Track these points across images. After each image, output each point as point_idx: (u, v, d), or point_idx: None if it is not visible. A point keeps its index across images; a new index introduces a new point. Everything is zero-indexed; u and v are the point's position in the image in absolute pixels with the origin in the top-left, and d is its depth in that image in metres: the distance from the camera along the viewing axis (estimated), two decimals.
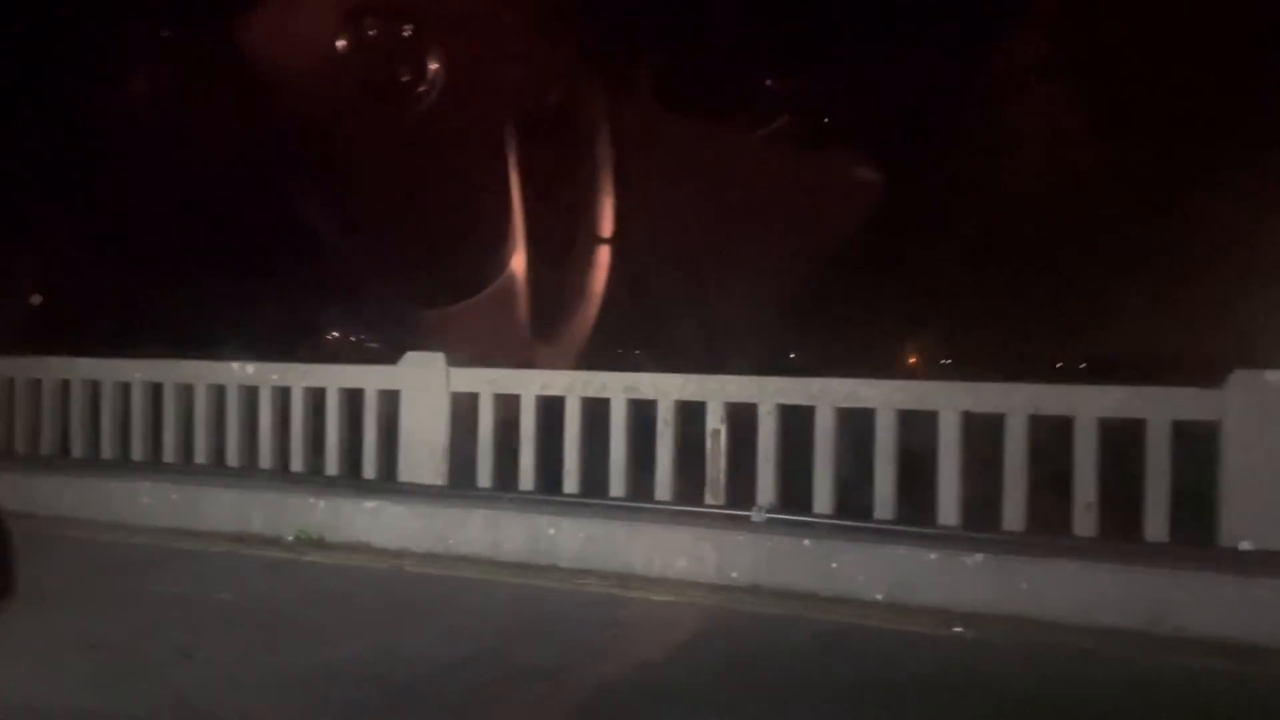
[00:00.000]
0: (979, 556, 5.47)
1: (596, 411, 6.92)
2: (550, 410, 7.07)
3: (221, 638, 4.93)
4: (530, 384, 7.16)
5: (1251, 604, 4.95)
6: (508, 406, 7.16)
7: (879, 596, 5.59)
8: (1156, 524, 5.59)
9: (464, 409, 7.26)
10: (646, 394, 6.76)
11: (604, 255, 17.44)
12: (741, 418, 6.55)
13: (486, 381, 7.24)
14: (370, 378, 7.64)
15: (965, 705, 4.22)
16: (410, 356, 7.47)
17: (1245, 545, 5.39)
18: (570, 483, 6.88)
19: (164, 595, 5.76)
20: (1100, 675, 4.61)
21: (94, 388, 8.44)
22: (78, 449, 8.46)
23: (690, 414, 6.70)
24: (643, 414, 6.81)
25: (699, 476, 6.58)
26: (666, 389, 6.71)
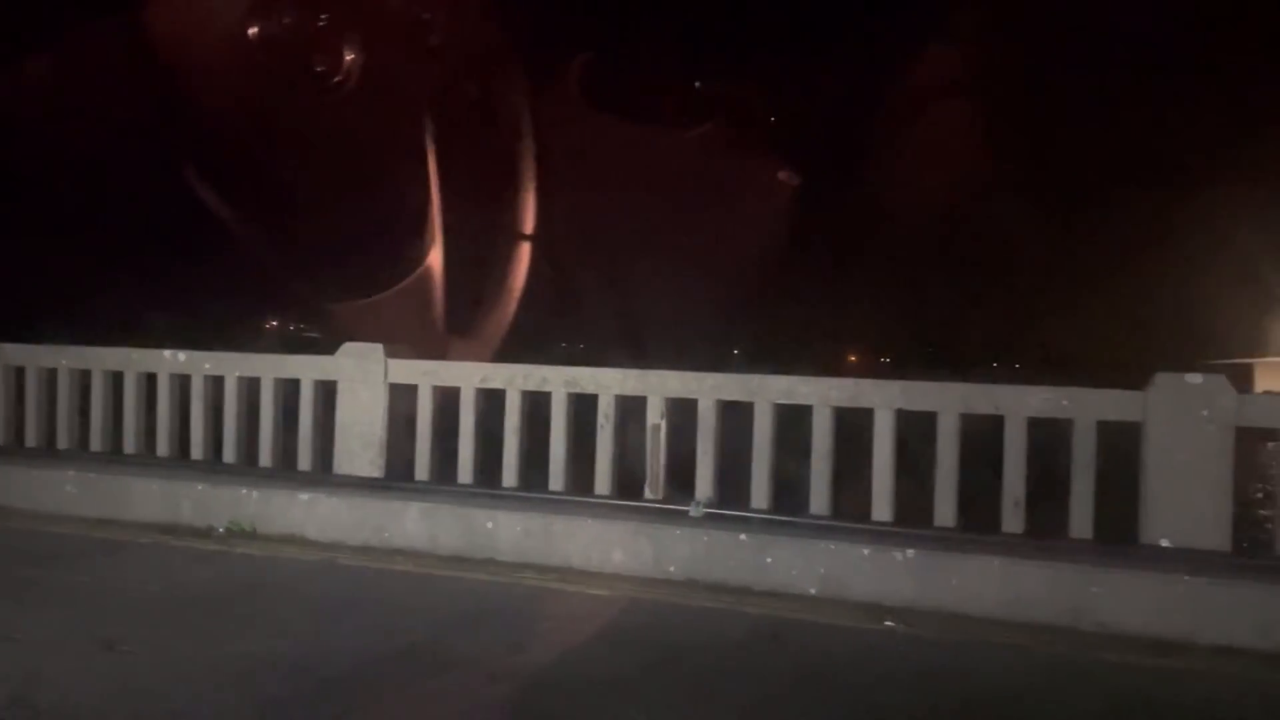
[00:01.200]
0: (910, 552, 5.57)
1: (537, 405, 6.92)
2: (491, 403, 7.05)
3: (147, 630, 4.82)
4: (470, 376, 7.12)
5: (1170, 600, 5.10)
6: (446, 399, 7.12)
7: (813, 591, 5.66)
8: (1081, 521, 5.74)
9: (402, 401, 7.20)
10: (587, 388, 6.77)
11: (525, 251, 17.43)
12: (682, 413, 6.59)
13: (425, 373, 7.18)
14: (307, 368, 7.54)
15: (894, 699, 4.29)
16: (348, 347, 7.38)
17: (1165, 543, 5.56)
18: (509, 476, 6.86)
19: (87, 587, 5.62)
20: (1024, 670, 4.72)
21: (18, 374, 8.21)
22: (0, 436, 8.22)
23: (630, 409, 6.72)
24: (583, 408, 6.82)
25: (639, 471, 6.60)
26: (607, 383, 6.72)
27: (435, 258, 16.01)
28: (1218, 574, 5.15)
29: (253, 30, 13.96)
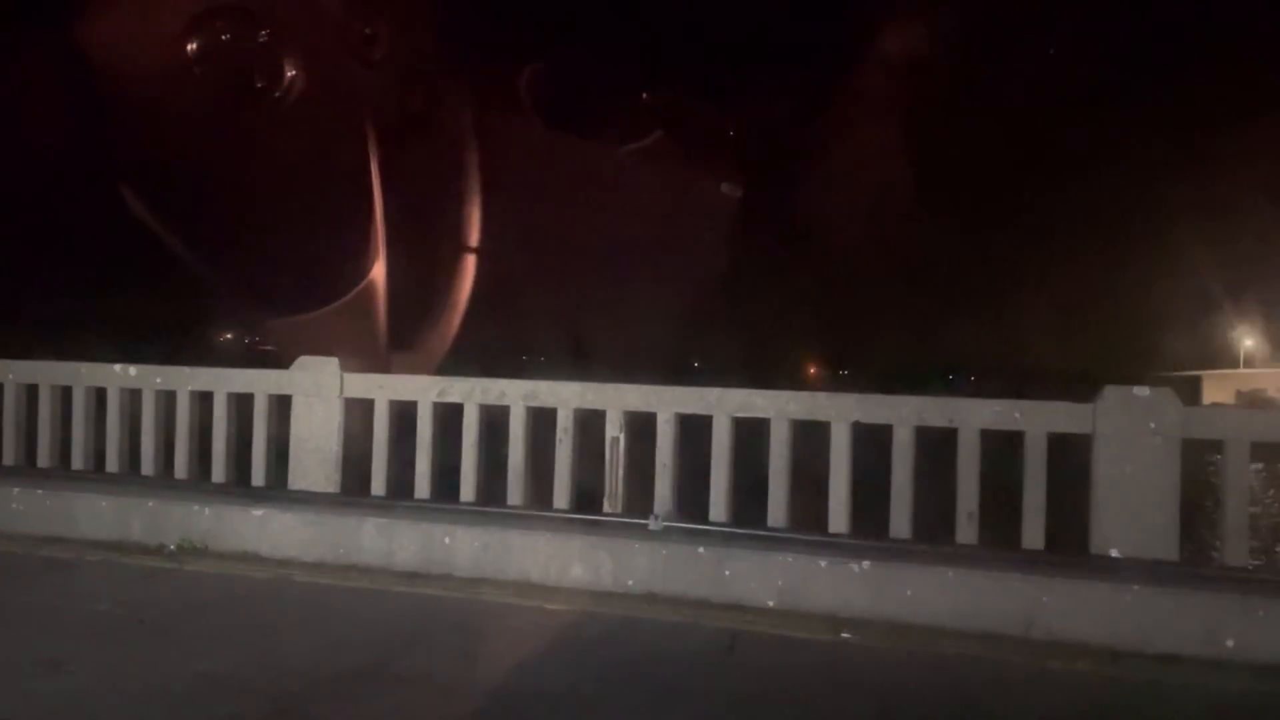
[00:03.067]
0: (866, 563, 5.62)
1: (495, 418, 6.89)
2: (447, 417, 7.01)
3: (94, 649, 4.73)
4: (427, 390, 7.07)
5: (1119, 609, 5.19)
6: (403, 413, 7.07)
7: (770, 603, 5.69)
8: (1033, 532, 5.83)
9: (358, 415, 7.13)
10: (546, 402, 6.75)
11: (470, 264, 17.42)
12: (641, 426, 6.60)
13: (381, 386, 7.13)
14: (261, 382, 7.44)
15: (849, 711, 4.32)
16: (303, 360, 7.30)
17: (1114, 553, 5.66)
18: (467, 490, 6.82)
19: (33, 605, 5.50)
20: (977, 679, 4.77)
21: None
22: None
23: (589, 422, 6.72)
24: (541, 421, 6.80)
25: (598, 484, 6.59)
26: (566, 397, 6.71)
27: (378, 271, 15.93)
28: (1166, 583, 5.25)
29: (193, 45, 13.83)
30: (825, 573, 5.66)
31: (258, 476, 7.30)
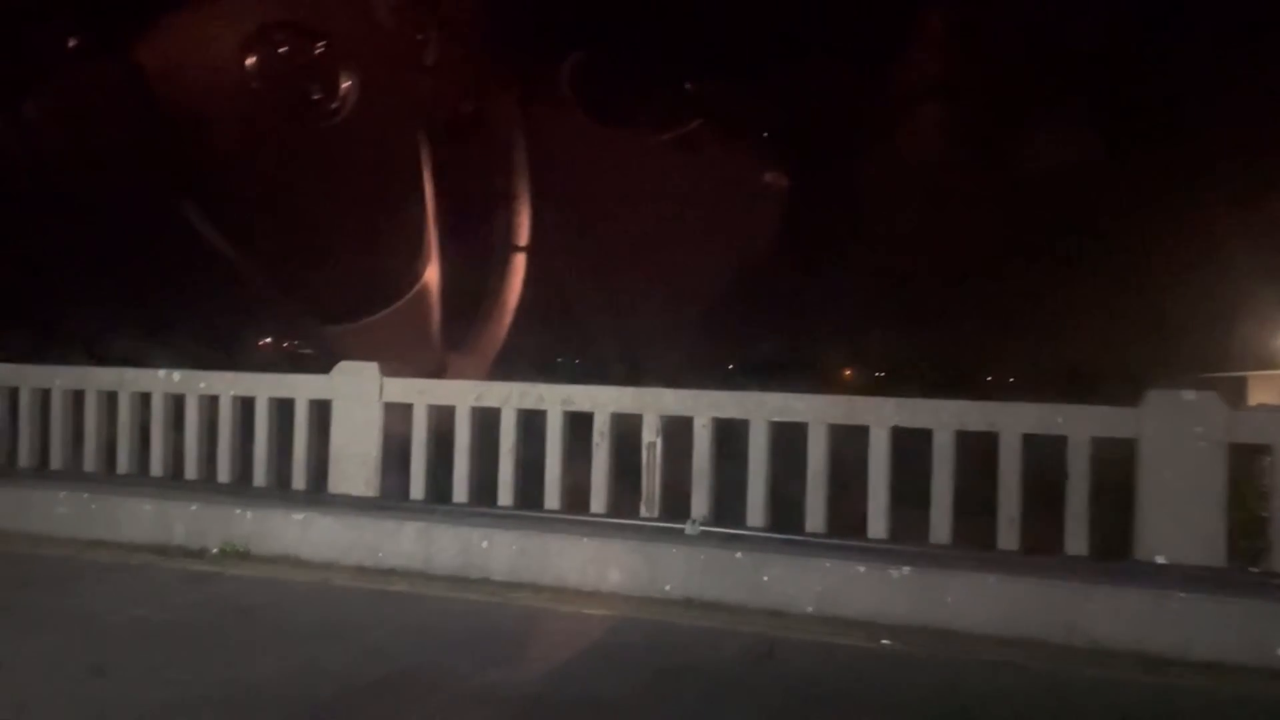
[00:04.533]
0: (906, 569, 5.56)
1: (533, 423, 6.90)
2: (486, 421, 7.04)
3: (137, 655, 4.80)
4: (465, 395, 7.11)
5: (1163, 616, 5.10)
6: (442, 417, 7.11)
7: (809, 609, 5.65)
8: (1076, 538, 5.74)
9: (397, 420, 7.18)
10: (582, 406, 6.76)
11: (520, 264, 17.48)
12: (678, 430, 6.58)
13: (420, 392, 7.17)
14: (302, 387, 7.52)
15: (889, 718, 4.27)
16: (343, 366, 7.37)
17: (1159, 559, 5.56)
18: (505, 495, 6.84)
19: (77, 609, 5.59)
20: (1019, 686, 4.71)
21: (11, 394, 8.18)
22: None
23: (626, 427, 6.71)
24: (579, 426, 6.80)
25: (635, 489, 6.59)
26: (602, 401, 6.71)
27: (431, 274, 16.05)
28: (1211, 590, 5.15)
29: (246, 56, 14.05)
30: (864, 578, 5.61)
31: (298, 481, 7.37)
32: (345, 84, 14.43)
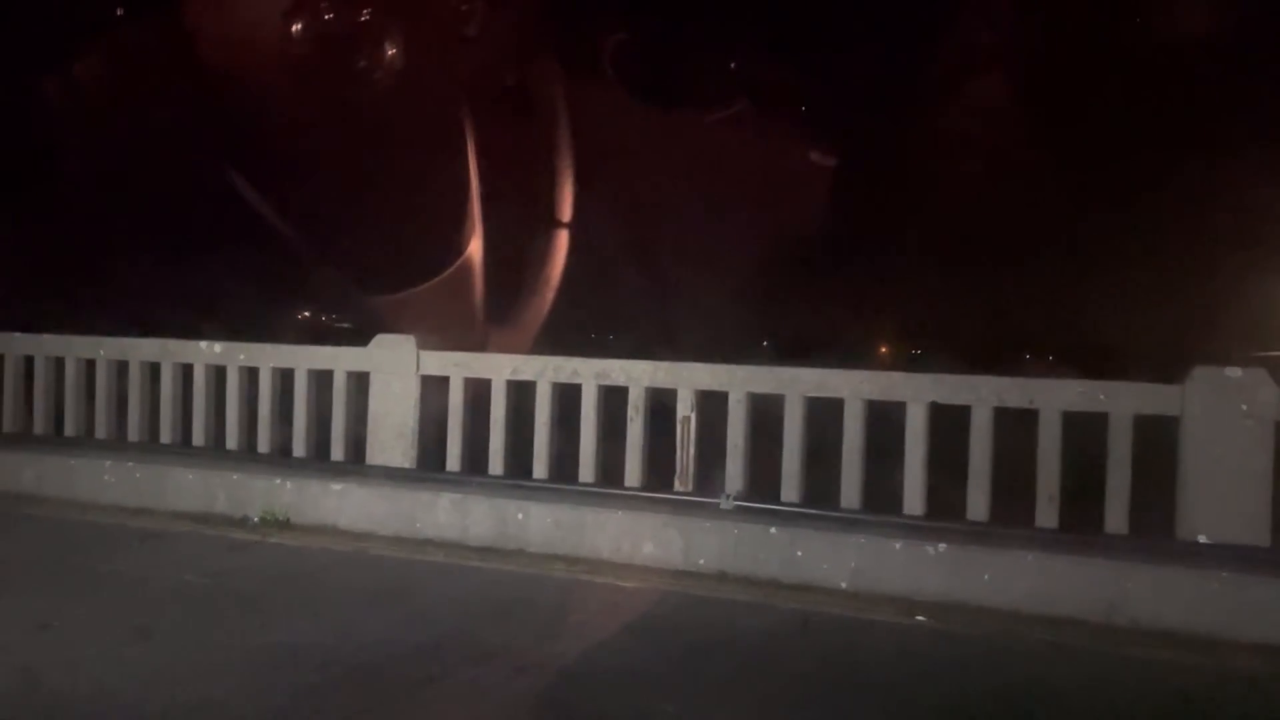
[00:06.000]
0: (942, 546, 5.53)
1: (568, 396, 6.92)
2: (521, 394, 7.07)
3: (181, 618, 4.90)
4: (501, 368, 7.14)
5: (1205, 596, 5.03)
6: (478, 390, 7.15)
7: (843, 584, 5.64)
8: (1116, 516, 5.67)
9: (434, 392, 7.23)
10: (618, 380, 6.76)
11: (563, 240, 17.45)
12: (712, 405, 6.57)
13: (456, 364, 7.21)
14: (340, 359, 7.59)
15: (925, 694, 4.26)
16: (381, 338, 7.42)
17: (1203, 538, 5.47)
18: (540, 467, 6.87)
19: (123, 575, 5.71)
20: (1057, 665, 4.67)
21: (58, 365, 8.34)
22: (40, 426, 8.37)
23: (661, 401, 6.71)
24: (614, 400, 6.81)
25: (669, 463, 6.59)
26: (637, 375, 6.71)
27: (474, 248, 16.10)
28: (1256, 570, 5.06)
29: (292, 24, 14.10)
30: (900, 554, 5.59)
31: (337, 451, 7.46)
32: (390, 52, 14.44)
